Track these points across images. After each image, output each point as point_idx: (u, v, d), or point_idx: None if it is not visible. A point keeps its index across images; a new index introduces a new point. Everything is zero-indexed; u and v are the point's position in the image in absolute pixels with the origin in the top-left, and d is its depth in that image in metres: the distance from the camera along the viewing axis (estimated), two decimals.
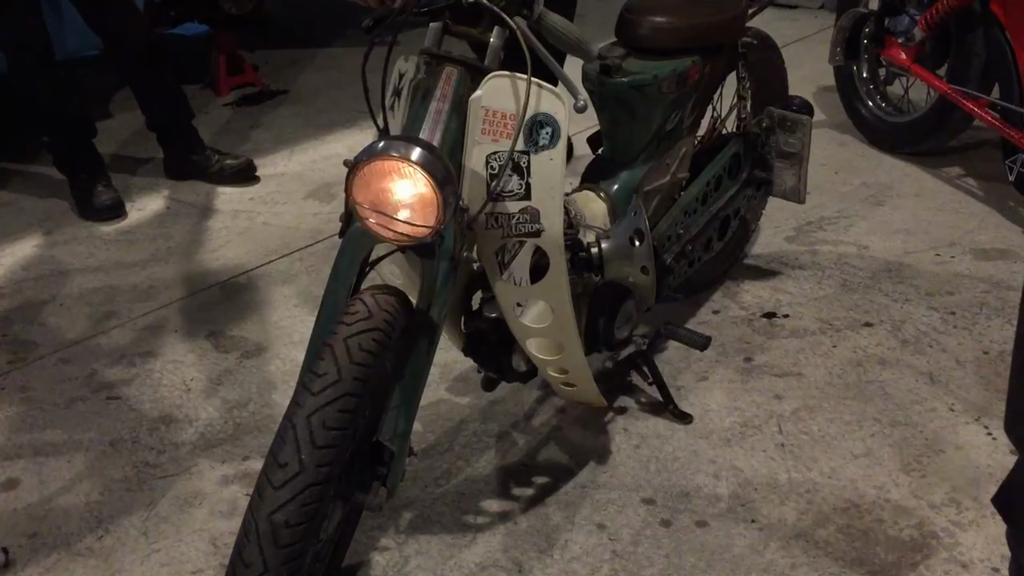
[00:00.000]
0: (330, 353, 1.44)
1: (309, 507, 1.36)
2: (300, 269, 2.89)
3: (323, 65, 4.66)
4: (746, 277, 2.74)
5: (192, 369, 2.44)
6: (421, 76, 1.66)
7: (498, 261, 1.70)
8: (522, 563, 1.84)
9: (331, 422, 1.39)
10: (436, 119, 1.58)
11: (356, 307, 1.50)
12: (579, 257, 1.91)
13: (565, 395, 2.02)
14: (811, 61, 4.23)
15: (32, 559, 1.89)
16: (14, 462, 2.14)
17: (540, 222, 1.64)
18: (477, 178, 1.62)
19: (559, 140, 1.60)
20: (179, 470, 2.10)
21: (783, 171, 2.50)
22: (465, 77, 1.61)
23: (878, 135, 3.51)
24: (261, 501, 1.36)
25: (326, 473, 1.38)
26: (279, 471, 1.37)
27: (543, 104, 1.58)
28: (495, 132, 1.60)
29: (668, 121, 2.17)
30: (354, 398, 1.42)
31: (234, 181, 3.43)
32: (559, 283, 1.72)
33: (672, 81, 2.10)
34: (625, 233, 1.96)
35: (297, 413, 1.40)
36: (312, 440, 1.37)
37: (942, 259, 2.80)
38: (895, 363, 2.36)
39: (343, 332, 1.46)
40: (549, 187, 1.62)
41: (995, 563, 1.79)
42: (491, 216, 1.65)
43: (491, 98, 1.59)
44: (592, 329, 2.02)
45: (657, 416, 2.19)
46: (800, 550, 1.84)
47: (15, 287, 2.86)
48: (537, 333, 1.82)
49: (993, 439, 2.09)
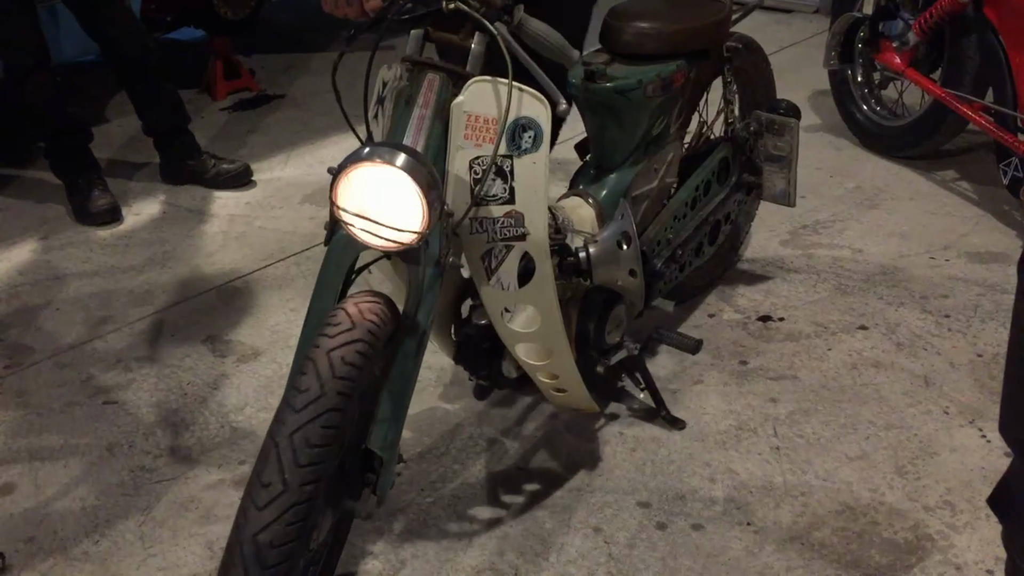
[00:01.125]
0: (312, 367, 1.41)
1: (294, 526, 1.34)
2: (296, 273, 2.90)
3: (319, 69, 4.66)
4: (741, 280, 2.75)
5: (188, 374, 2.45)
6: (403, 83, 1.66)
7: (484, 266, 1.70)
8: (518, 567, 1.84)
9: (314, 439, 1.36)
10: (419, 125, 1.60)
11: (338, 317, 1.47)
12: (567, 262, 1.90)
13: (556, 401, 2.01)
14: (806, 65, 4.24)
15: (28, 564, 1.89)
16: (10, 466, 2.14)
17: (525, 226, 1.64)
18: (461, 183, 1.63)
19: (542, 144, 1.60)
20: (176, 474, 2.10)
21: (772, 175, 2.51)
22: (447, 83, 1.61)
23: (873, 139, 3.52)
24: (246, 521, 1.34)
25: (310, 492, 1.35)
26: (263, 491, 1.34)
27: (525, 108, 1.59)
28: (478, 137, 1.60)
29: (654, 126, 2.17)
30: (338, 413, 1.39)
31: (230, 186, 3.44)
32: (545, 287, 1.71)
33: (657, 85, 2.10)
34: (612, 237, 1.96)
35: (279, 431, 1.37)
36: (295, 459, 1.34)
37: (936, 262, 2.81)
38: (890, 366, 2.37)
39: (325, 345, 1.44)
40: (533, 191, 1.62)
41: (989, 565, 1.79)
42: (475, 221, 1.65)
43: (473, 103, 1.59)
44: (583, 335, 2.02)
45: (650, 422, 2.19)
46: (795, 553, 1.85)
47: (11, 291, 2.86)
48: (525, 338, 1.81)
49: (988, 441, 2.10)
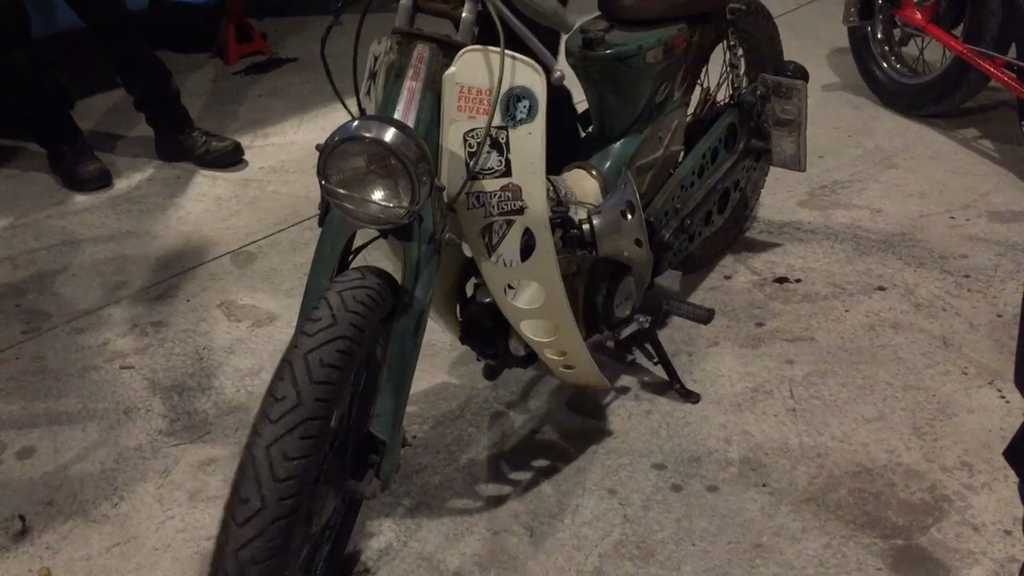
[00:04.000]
0: (289, 372, 1.34)
1: (275, 542, 1.29)
2: (310, 237, 2.89)
3: (332, 32, 4.63)
4: (757, 242, 2.73)
5: (204, 338, 2.45)
6: (393, 56, 1.61)
7: (484, 243, 1.66)
8: (534, 528, 1.85)
9: (292, 452, 1.30)
10: (409, 98, 1.55)
11: (319, 312, 1.40)
12: (571, 234, 1.85)
13: (565, 378, 1.98)
14: (825, 23, 4.18)
15: (48, 526, 1.91)
16: (30, 431, 2.16)
17: (522, 199, 1.60)
18: (455, 157, 1.58)
19: (537, 113, 1.55)
20: (192, 438, 2.12)
21: (781, 139, 2.46)
22: (437, 54, 1.57)
23: (892, 97, 3.47)
24: (227, 538, 1.29)
25: (291, 506, 1.29)
26: (242, 507, 1.29)
27: (519, 77, 1.54)
28: (471, 109, 1.55)
29: (657, 93, 2.12)
30: (317, 421, 1.32)
31: (219, 164, 3.36)
32: (547, 261, 1.67)
33: (658, 51, 2.05)
34: (616, 207, 1.91)
35: (256, 443, 1.31)
36: (273, 473, 1.29)
37: (956, 222, 2.78)
38: (908, 327, 2.35)
39: (304, 345, 1.36)
40: (529, 162, 1.58)
41: (1007, 525, 1.79)
42: (472, 195, 1.61)
43: (465, 74, 1.55)
44: (591, 309, 1.98)
45: (663, 396, 2.17)
46: (811, 514, 1.84)
47: (28, 257, 2.87)
48: (530, 315, 1.77)
49: (1007, 402, 2.09)
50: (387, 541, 1.83)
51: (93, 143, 3.40)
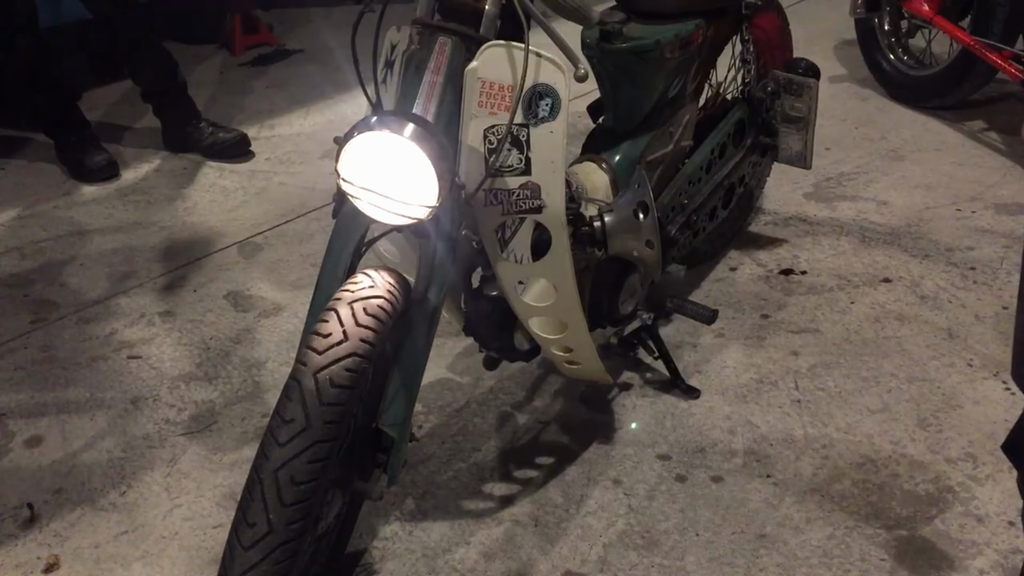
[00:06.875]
0: (298, 392, 1.30)
1: (281, 565, 1.28)
2: (317, 228, 2.90)
3: (338, 23, 4.63)
4: (763, 233, 2.73)
5: (211, 328, 2.46)
6: (414, 47, 1.57)
7: (498, 239, 1.63)
8: (539, 517, 1.85)
9: (300, 476, 1.27)
10: (430, 92, 1.51)
11: (329, 327, 1.35)
12: (581, 232, 1.84)
13: (569, 373, 1.97)
14: (832, 14, 4.17)
15: (56, 514, 1.92)
16: (38, 420, 2.18)
17: (541, 198, 1.57)
18: (475, 153, 1.55)
19: (559, 112, 1.52)
20: (199, 427, 2.13)
21: (789, 136, 2.45)
22: (460, 47, 1.52)
23: (899, 89, 3.46)
24: (232, 560, 1.28)
25: (298, 529, 1.28)
26: (248, 530, 1.27)
27: (542, 74, 1.50)
28: (492, 105, 1.52)
29: (671, 88, 2.11)
30: (326, 444, 1.29)
31: (226, 156, 3.36)
32: (562, 260, 1.65)
33: (675, 46, 2.03)
34: (629, 206, 1.89)
35: (263, 467, 1.28)
36: (280, 498, 1.26)
37: (963, 214, 2.78)
38: (913, 319, 2.35)
39: (313, 363, 1.32)
40: (550, 161, 1.55)
41: (1011, 517, 1.79)
42: (490, 192, 1.58)
43: (487, 69, 1.51)
44: (596, 305, 1.97)
45: (667, 393, 2.16)
46: (815, 504, 1.85)
47: (35, 247, 2.88)
48: (540, 312, 1.76)
49: (1011, 394, 2.09)
50: (392, 531, 1.84)
51: (100, 134, 3.42)
